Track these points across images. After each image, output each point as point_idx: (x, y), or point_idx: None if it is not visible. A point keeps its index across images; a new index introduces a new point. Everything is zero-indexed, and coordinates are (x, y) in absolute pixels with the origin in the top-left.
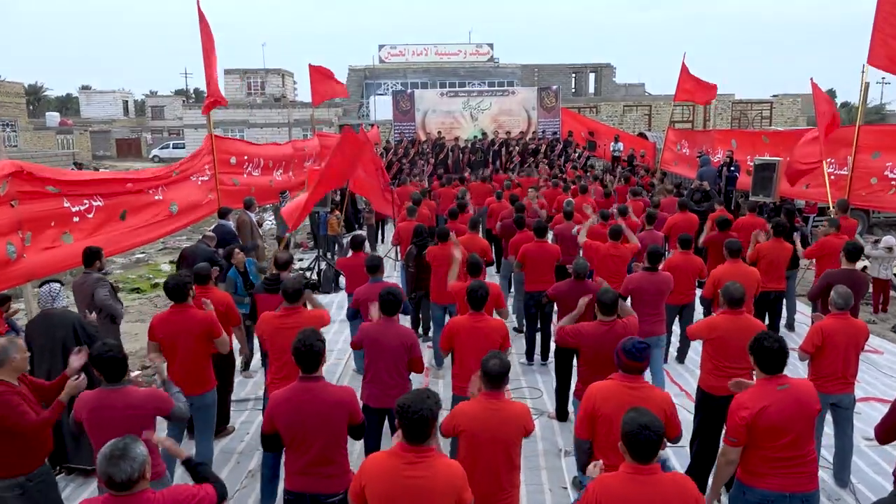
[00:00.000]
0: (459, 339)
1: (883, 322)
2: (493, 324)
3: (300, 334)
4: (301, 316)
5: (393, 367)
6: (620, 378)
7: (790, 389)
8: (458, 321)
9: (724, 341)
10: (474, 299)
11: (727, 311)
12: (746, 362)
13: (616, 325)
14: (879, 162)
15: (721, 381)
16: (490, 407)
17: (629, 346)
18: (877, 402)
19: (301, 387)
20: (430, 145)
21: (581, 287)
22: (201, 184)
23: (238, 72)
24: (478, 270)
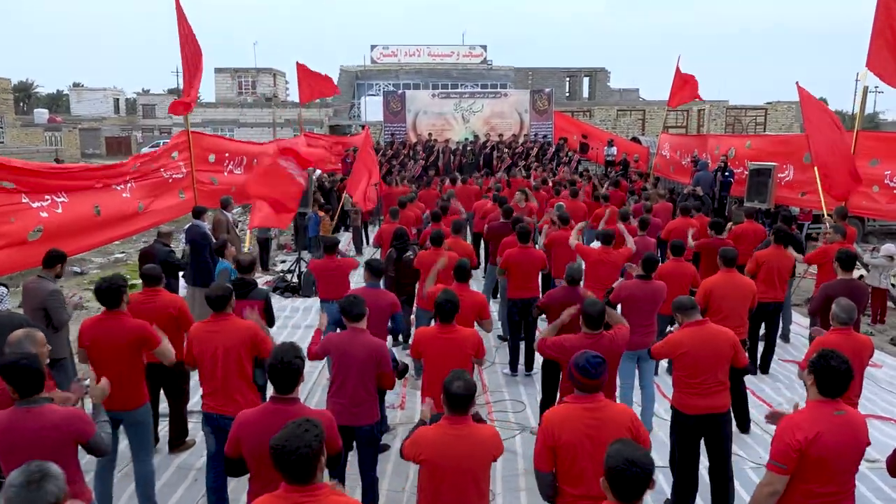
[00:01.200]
0: (428, 351)
1: (881, 334)
2: (464, 334)
3: (276, 349)
4: (228, 324)
5: (360, 382)
6: (576, 399)
7: (846, 416)
8: (426, 332)
9: (692, 357)
10: (442, 312)
11: (689, 324)
12: (721, 375)
13: (602, 338)
14: (879, 169)
15: (693, 398)
16: (454, 433)
17: (581, 361)
18: (877, 420)
19: (273, 409)
20: (420, 147)
21: (575, 294)
22: (173, 181)
23: (229, 70)
24: (465, 276)
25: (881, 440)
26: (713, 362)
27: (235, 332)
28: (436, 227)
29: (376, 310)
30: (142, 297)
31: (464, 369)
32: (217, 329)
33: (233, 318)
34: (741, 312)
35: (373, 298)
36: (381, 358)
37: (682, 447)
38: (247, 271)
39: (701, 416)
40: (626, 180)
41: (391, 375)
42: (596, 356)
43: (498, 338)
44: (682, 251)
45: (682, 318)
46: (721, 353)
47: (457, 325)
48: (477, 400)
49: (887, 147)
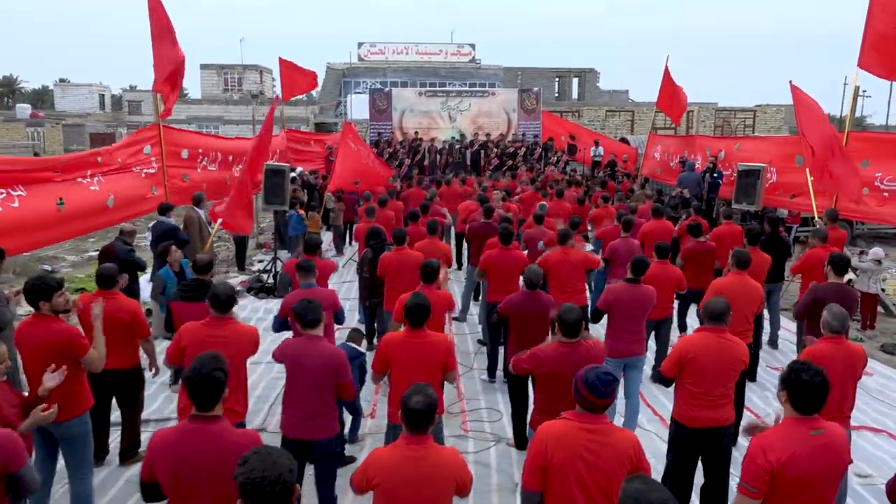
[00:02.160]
0: (395, 357)
1: (871, 340)
2: (435, 339)
3: (195, 360)
4: (231, 328)
5: (315, 393)
6: (577, 417)
7: (825, 436)
8: (394, 337)
9: (701, 364)
10: (412, 316)
11: (706, 329)
12: (727, 388)
13: (579, 347)
14: (869, 171)
15: (698, 410)
16: (412, 455)
17: (592, 377)
18: (869, 431)
19: (192, 429)
20: (406, 146)
21: (535, 299)
22: (145, 176)
23: (214, 67)
24: (432, 277)
25: (873, 454)
26: (721, 373)
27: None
28: (413, 226)
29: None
30: (92, 300)
31: (427, 383)
32: (218, 334)
33: (234, 323)
34: (748, 317)
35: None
36: (338, 367)
37: (681, 464)
38: (203, 272)
39: (706, 429)
40: (613, 181)
41: (350, 386)
42: (608, 373)
43: (477, 342)
44: (667, 253)
45: (705, 322)
46: (732, 366)
47: (427, 330)
48: (452, 409)
49: (878, 148)
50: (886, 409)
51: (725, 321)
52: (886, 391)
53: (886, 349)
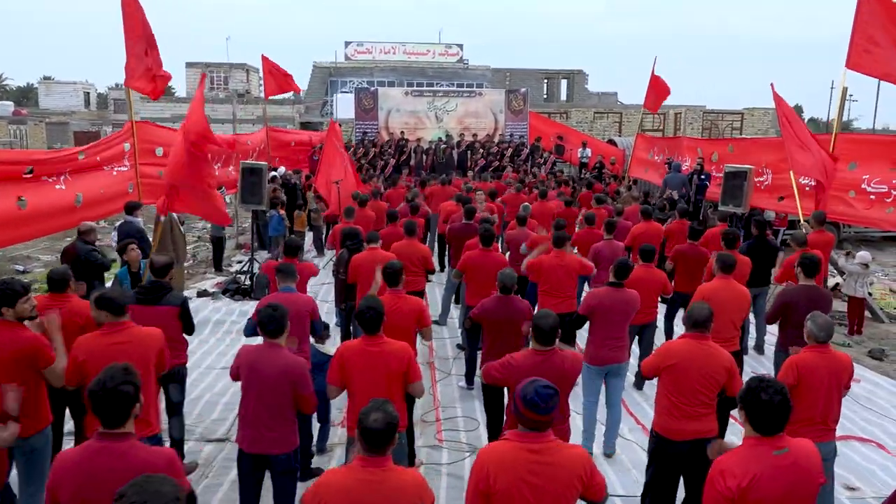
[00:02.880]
0: (352, 367)
1: (858, 345)
2: (394, 347)
3: (101, 373)
4: (130, 333)
5: (273, 405)
6: (519, 437)
7: (789, 455)
8: (349, 347)
9: (682, 371)
10: (363, 321)
11: (688, 335)
12: (709, 398)
13: (554, 356)
14: (857, 173)
15: (681, 422)
16: (368, 479)
17: (531, 392)
18: (857, 441)
19: (98, 448)
20: (392, 146)
21: (509, 304)
22: (117, 174)
23: (200, 65)
24: (396, 279)
25: (861, 465)
26: (702, 382)
27: (140, 343)
28: (392, 227)
29: (295, 317)
30: (45, 303)
31: (386, 399)
32: (116, 341)
33: (134, 327)
34: (735, 323)
35: (289, 304)
36: (297, 378)
37: (662, 479)
38: (161, 274)
39: (688, 441)
40: (600, 182)
41: (310, 398)
42: (547, 386)
43: (457, 346)
44: (652, 256)
45: (688, 329)
46: (714, 375)
47: (384, 337)
48: (427, 417)
49: (865, 150)
50: (875, 417)
51: (708, 328)
52: (875, 398)
53: (874, 355)
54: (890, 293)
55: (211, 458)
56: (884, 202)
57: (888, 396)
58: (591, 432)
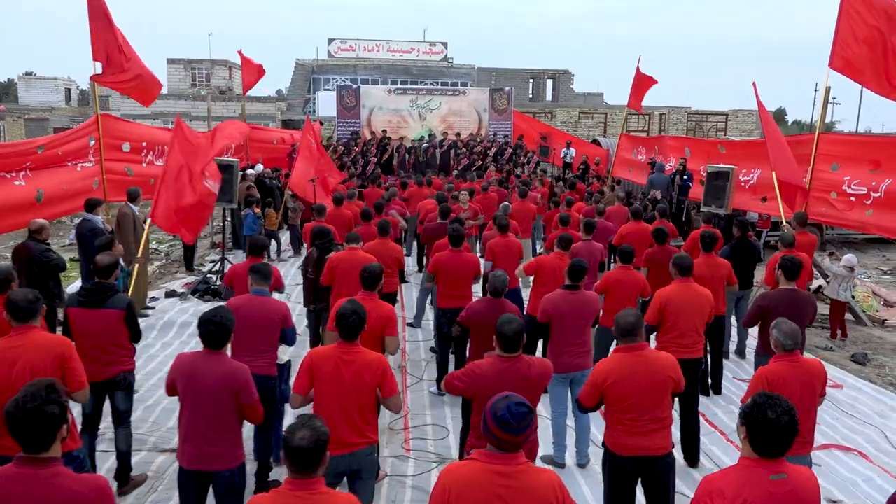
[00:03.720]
0: (321, 377)
1: (841, 350)
2: (369, 359)
3: (21, 391)
4: (32, 338)
5: (214, 417)
6: (487, 458)
7: (787, 483)
8: (321, 353)
9: (621, 389)
10: (344, 326)
11: (621, 349)
12: (659, 411)
13: (519, 363)
14: (838, 175)
15: (627, 437)
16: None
17: (502, 410)
18: (839, 449)
19: (17, 475)
20: (374, 144)
21: (500, 308)
22: (81, 170)
23: (182, 62)
24: (374, 283)
25: (843, 476)
26: (648, 396)
27: (34, 351)
28: (365, 226)
29: (265, 323)
30: None
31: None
32: (14, 346)
33: (37, 333)
34: (698, 328)
35: (259, 309)
36: (240, 387)
37: (616, 492)
38: (104, 275)
39: (633, 458)
40: (583, 183)
41: (256, 407)
42: (521, 403)
43: (430, 350)
44: (631, 258)
45: (618, 342)
46: (659, 386)
47: (360, 346)
48: (395, 425)
49: (847, 151)
50: (857, 424)
51: (639, 335)
52: (857, 405)
53: (857, 359)
54: (873, 296)
55: (161, 470)
56: (863, 204)
57: (871, 402)
58: (561, 443)
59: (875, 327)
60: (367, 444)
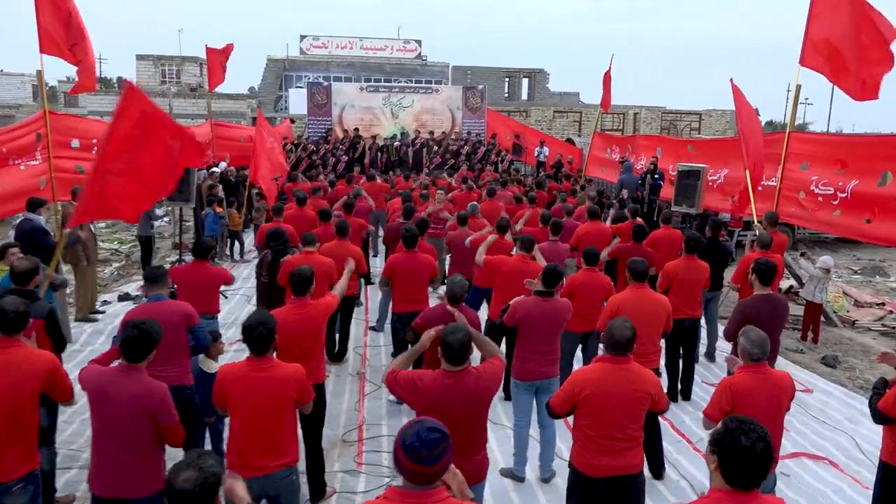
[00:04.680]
0: (233, 397)
1: (812, 352)
2: (284, 373)
3: None
4: (15, 354)
5: (129, 440)
6: (401, 496)
7: None
8: (230, 372)
9: (600, 402)
10: (249, 340)
11: (606, 359)
12: (633, 430)
13: (467, 377)
14: (807, 174)
15: (599, 457)
16: None
17: (410, 438)
18: (808, 458)
19: None
20: (345, 142)
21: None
22: (25, 168)
23: (151, 58)
24: (303, 288)
25: (814, 487)
26: (625, 413)
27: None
28: (324, 227)
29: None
30: None
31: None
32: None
33: (21, 347)
34: (653, 336)
35: (156, 313)
36: (157, 408)
37: None
38: (22, 281)
39: (609, 478)
40: (556, 182)
41: (175, 429)
42: (434, 429)
43: (392, 356)
44: (596, 260)
45: (606, 350)
46: (637, 404)
47: (273, 360)
48: (348, 437)
49: (817, 150)
50: (827, 430)
51: (630, 349)
52: (827, 409)
53: (827, 362)
54: (843, 296)
55: None
56: (830, 205)
57: (841, 407)
58: (523, 455)
59: (845, 328)
60: (283, 466)
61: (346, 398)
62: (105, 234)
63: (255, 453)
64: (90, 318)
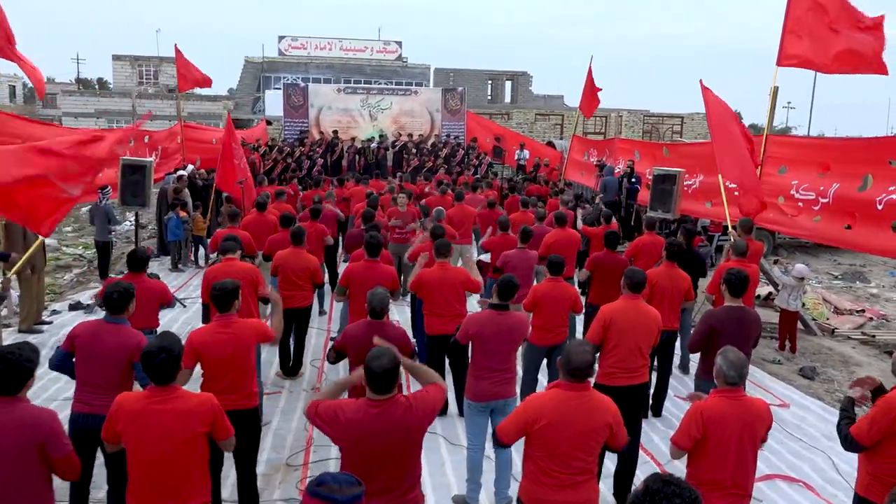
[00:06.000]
0: (129, 434)
1: (790, 362)
2: (190, 405)
3: None
4: None
5: (15, 475)
6: None
7: None
8: (124, 403)
9: (554, 434)
10: (151, 368)
11: (563, 385)
12: (589, 462)
13: (394, 407)
14: (786, 178)
15: (552, 491)
16: None
17: (313, 488)
18: (783, 480)
19: None
20: (322, 145)
21: (380, 331)
22: None
23: (128, 58)
24: (225, 304)
25: None
26: (582, 445)
27: None
28: (283, 233)
29: (105, 356)
30: None
31: None
32: None
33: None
34: (643, 350)
35: (101, 338)
36: (46, 438)
37: None
38: None
39: None
40: (536, 185)
41: (69, 460)
42: (350, 483)
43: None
44: (561, 269)
45: (561, 375)
46: (597, 434)
47: (179, 390)
48: (293, 460)
49: (797, 154)
50: (803, 449)
51: (590, 375)
52: (804, 426)
53: (805, 373)
54: (823, 302)
55: None
56: (811, 210)
57: (818, 423)
58: (476, 481)
59: (825, 337)
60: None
61: (296, 416)
62: (71, 238)
63: (156, 497)
64: (35, 329)
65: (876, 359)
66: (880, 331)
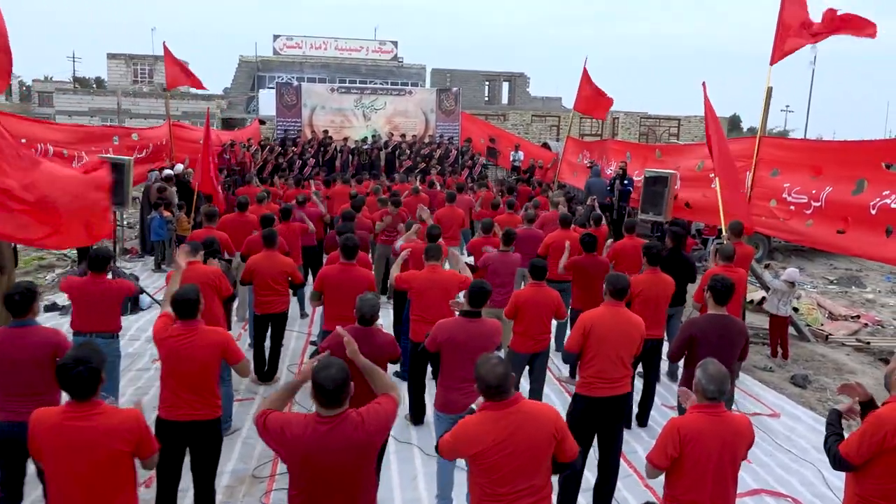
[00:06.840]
0: (46, 452)
1: (782, 369)
2: (112, 422)
3: None
4: None
5: None
6: None
7: None
8: (44, 417)
9: (493, 456)
10: (66, 381)
11: (489, 406)
12: (539, 479)
13: (344, 422)
14: (778, 181)
15: None
16: None
17: None
18: (770, 496)
19: None
20: (314, 145)
21: (368, 339)
22: None
23: (123, 57)
24: (190, 311)
25: None
26: (526, 463)
27: None
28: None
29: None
30: None
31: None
32: None
33: None
34: (625, 359)
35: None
36: None
37: None
38: None
39: None
40: (528, 186)
41: None
42: None
43: None
44: (543, 274)
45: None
46: (541, 449)
47: (102, 405)
48: (259, 472)
49: (789, 157)
50: (792, 461)
51: (507, 390)
52: (794, 437)
53: (797, 382)
54: (817, 307)
55: None
56: (803, 214)
57: (808, 434)
58: (447, 496)
59: (818, 343)
60: None
61: None
62: None
63: None
64: None
65: (870, 366)
66: (875, 337)
